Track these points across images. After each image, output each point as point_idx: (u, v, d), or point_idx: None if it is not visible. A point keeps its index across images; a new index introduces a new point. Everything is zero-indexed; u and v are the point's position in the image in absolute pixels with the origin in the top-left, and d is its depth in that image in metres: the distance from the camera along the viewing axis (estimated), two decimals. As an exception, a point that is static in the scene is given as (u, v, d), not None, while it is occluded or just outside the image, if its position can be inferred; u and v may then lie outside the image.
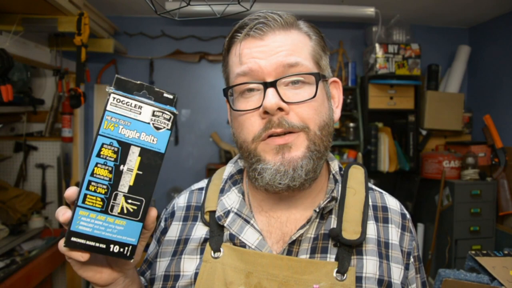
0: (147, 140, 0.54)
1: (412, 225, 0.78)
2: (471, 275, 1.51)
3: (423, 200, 3.32)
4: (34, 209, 2.67)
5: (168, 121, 0.55)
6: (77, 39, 2.23)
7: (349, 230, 0.67)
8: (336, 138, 3.37)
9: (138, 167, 0.53)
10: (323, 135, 0.67)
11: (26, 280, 2.14)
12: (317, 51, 0.70)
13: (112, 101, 0.52)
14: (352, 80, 3.33)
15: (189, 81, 3.42)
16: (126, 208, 0.53)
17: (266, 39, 0.65)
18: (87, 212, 0.52)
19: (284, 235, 0.70)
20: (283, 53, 0.65)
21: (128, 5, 3.06)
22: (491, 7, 3.04)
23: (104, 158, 0.52)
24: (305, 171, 0.65)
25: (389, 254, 0.70)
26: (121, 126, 0.53)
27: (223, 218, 0.70)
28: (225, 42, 0.71)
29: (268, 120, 0.64)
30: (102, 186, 0.52)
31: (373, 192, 0.78)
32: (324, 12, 3.03)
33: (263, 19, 0.66)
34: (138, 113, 0.53)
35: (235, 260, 0.67)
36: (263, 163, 0.66)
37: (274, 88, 0.63)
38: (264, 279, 0.65)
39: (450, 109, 3.31)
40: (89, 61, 2.63)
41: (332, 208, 0.71)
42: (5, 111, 2.62)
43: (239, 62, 0.66)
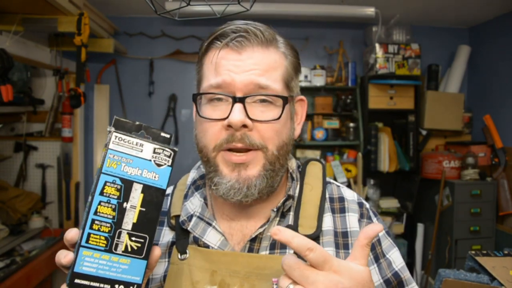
0: (149, 177, 0.54)
1: (373, 214, 0.79)
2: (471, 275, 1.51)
3: (423, 200, 3.32)
4: (34, 209, 2.67)
5: (169, 158, 0.56)
6: (77, 39, 2.23)
7: (305, 226, 0.71)
8: (336, 138, 3.37)
9: (141, 204, 0.54)
10: (280, 154, 0.69)
11: (26, 280, 2.14)
12: (289, 73, 0.72)
13: (114, 140, 0.53)
14: (352, 80, 3.33)
15: (189, 81, 3.42)
16: (130, 246, 0.53)
17: (244, 54, 0.67)
18: (90, 252, 0.51)
19: (245, 236, 0.73)
20: (256, 71, 0.67)
21: (128, 5, 3.06)
22: (491, 7, 3.04)
23: (107, 196, 0.52)
24: (258, 189, 0.68)
25: (347, 242, 0.73)
26: (123, 163, 0.53)
27: (186, 222, 0.73)
28: (203, 45, 0.73)
29: (231, 134, 0.66)
30: (106, 225, 0.52)
31: (331, 185, 0.81)
32: (324, 12, 3.03)
33: (244, 33, 0.67)
34: (139, 150, 0.54)
35: (200, 260, 0.69)
36: (219, 176, 0.68)
37: (242, 104, 0.65)
38: (227, 276, 0.68)
39: (450, 109, 3.31)
40: (89, 61, 2.64)
41: (290, 205, 0.74)
42: (5, 111, 2.62)
43: (214, 72, 0.68)
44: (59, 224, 2.92)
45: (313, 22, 3.40)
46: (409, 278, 0.75)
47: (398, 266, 0.74)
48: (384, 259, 0.74)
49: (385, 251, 0.75)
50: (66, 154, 2.90)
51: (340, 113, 3.34)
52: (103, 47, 2.88)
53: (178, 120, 3.43)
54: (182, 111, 3.45)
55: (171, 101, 3.40)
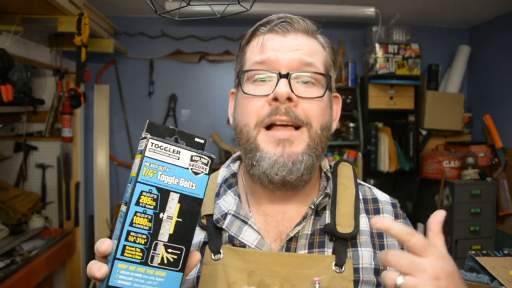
0: (186, 186, 0.53)
1: (404, 214, 0.80)
2: (471, 275, 1.51)
3: (423, 200, 3.32)
4: (34, 209, 2.67)
5: (206, 166, 0.54)
6: (77, 39, 2.23)
7: (343, 224, 0.70)
8: (336, 138, 3.37)
9: (178, 214, 0.52)
10: (323, 135, 0.69)
11: (26, 280, 2.14)
12: (328, 62, 0.74)
13: (151, 147, 0.51)
14: (352, 80, 3.33)
15: (189, 81, 3.42)
16: (166, 258, 0.51)
17: (288, 37, 0.69)
18: (126, 265, 0.49)
19: (281, 233, 0.71)
20: (301, 51, 0.68)
21: (128, 5, 3.06)
22: (491, 7, 3.04)
23: (143, 206, 0.50)
24: (304, 165, 0.66)
25: (383, 243, 0.72)
26: (160, 172, 0.51)
27: (221, 221, 0.71)
28: (247, 34, 0.74)
29: (275, 107, 0.66)
30: (142, 236, 0.50)
31: (363, 186, 0.80)
32: (324, 12, 3.03)
33: (289, 19, 0.70)
34: (176, 158, 0.52)
35: (236, 261, 0.68)
36: (261, 152, 0.67)
37: (286, 80, 0.66)
38: (266, 276, 0.66)
39: (450, 109, 3.31)
40: (89, 61, 2.63)
41: (325, 204, 0.73)
42: (5, 111, 2.62)
43: (259, 52, 0.69)
44: (59, 224, 2.92)
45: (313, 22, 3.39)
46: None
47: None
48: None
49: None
50: (66, 154, 2.90)
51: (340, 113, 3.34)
52: (103, 47, 2.88)
53: (178, 120, 3.43)
54: (182, 111, 3.45)
55: (171, 101, 3.40)
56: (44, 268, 2.37)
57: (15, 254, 2.31)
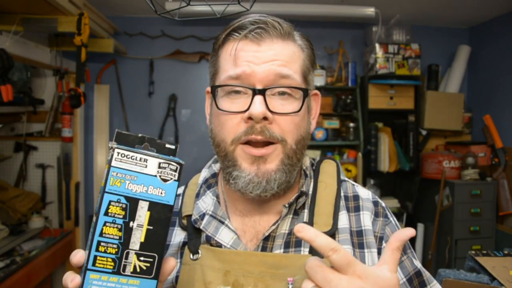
0: (155, 193, 0.52)
1: (389, 213, 0.77)
2: (471, 275, 1.51)
3: (423, 200, 3.32)
4: (34, 209, 2.67)
5: (175, 172, 0.54)
6: (77, 39, 2.23)
7: (320, 223, 0.69)
8: (336, 138, 3.37)
9: (148, 222, 0.52)
10: (298, 148, 0.69)
11: (26, 280, 2.14)
12: (306, 65, 0.71)
13: (117, 156, 0.51)
14: (352, 80, 3.33)
15: (189, 81, 3.42)
16: (139, 266, 0.51)
17: (263, 45, 0.66)
18: (98, 275, 0.49)
19: (258, 233, 0.71)
20: (277, 62, 0.66)
21: (128, 5, 3.06)
22: (491, 7, 3.04)
23: (112, 216, 0.50)
24: (277, 183, 0.67)
25: (362, 241, 0.72)
26: (127, 181, 0.51)
27: (198, 221, 0.72)
28: (219, 37, 0.71)
29: (250, 126, 0.65)
30: (113, 246, 0.50)
31: (346, 183, 0.79)
32: (324, 12, 3.03)
33: (263, 25, 0.66)
34: (144, 166, 0.52)
35: (213, 260, 0.68)
36: (238, 170, 0.67)
37: (262, 96, 0.64)
38: (240, 276, 0.66)
39: (450, 109, 3.31)
40: (89, 61, 2.63)
41: (304, 202, 0.73)
42: (5, 111, 2.62)
43: (233, 64, 0.67)
44: (59, 224, 2.92)
45: (313, 22, 3.40)
46: (429, 276, 0.74)
47: (418, 265, 0.74)
48: (405, 257, 0.73)
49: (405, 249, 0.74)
50: (66, 154, 2.90)
51: (340, 113, 3.34)
52: (103, 47, 2.88)
53: (178, 120, 3.43)
54: (182, 111, 3.45)
55: (171, 101, 3.40)
56: (44, 268, 2.37)
57: (15, 254, 2.31)
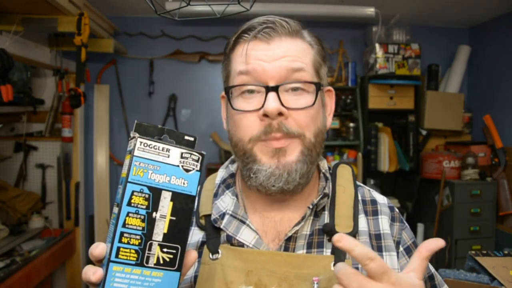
0: (178, 184, 0.52)
1: (402, 218, 0.80)
2: (471, 275, 1.52)
3: (423, 200, 3.32)
4: (34, 209, 2.67)
5: (197, 162, 0.53)
6: (77, 39, 2.23)
7: (342, 225, 0.70)
8: (336, 138, 3.37)
9: (171, 213, 0.51)
10: (317, 141, 0.69)
11: (26, 280, 2.14)
12: (318, 60, 0.72)
13: (140, 146, 0.50)
14: (352, 80, 3.33)
15: (189, 81, 3.42)
16: (162, 258, 0.50)
17: (272, 44, 0.67)
18: (121, 267, 0.48)
19: (279, 234, 0.71)
20: (288, 58, 0.66)
21: (128, 5, 3.06)
22: (491, 7, 3.04)
23: (135, 206, 0.49)
24: (299, 174, 0.67)
25: (381, 245, 0.73)
26: (150, 171, 0.50)
27: (219, 221, 0.71)
28: (230, 41, 0.72)
29: (268, 124, 0.65)
30: (136, 237, 0.49)
31: (362, 188, 0.80)
32: (324, 12, 3.03)
33: (271, 24, 0.67)
34: (166, 156, 0.52)
35: (234, 260, 0.68)
36: (258, 164, 0.67)
37: (275, 93, 0.65)
38: (264, 276, 0.66)
39: (450, 109, 3.31)
40: (89, 61, 2.63)
41: (324, 205, 0.73)
42: (5, 111, 2.62)
43: (244, 62, 0.68)
44: (59, 224, 2.92)
45: (313, 22, 3.40)
46: (441, 281, 0.75)
47: (432, 269, 0.75)
48: None
49: None
50: (66, 154, 2.90)
51: (340, 113, 3.34)
52: (103, 47, 2.88)
53: (178, 120, 3.43)
54: (182, 111, 3.45)
55: (171, 101, 3.40)
56: (44, 268, 2.37)
57: (15, 254, 2.31)
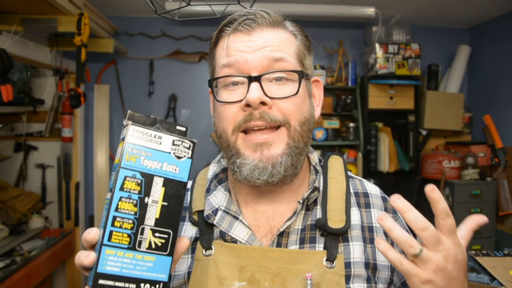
0: (170, 170, 0.53)
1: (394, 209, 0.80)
2: (471, 275, 1.51)
3: (423, 200, 3.31)
4: (34, 209, 2.67)
5: (189, 150, 0.55)
6: (77, 39, 2.23)
7: (334, 219, 0.70)
8: (336, 138, 3.37)
9: (163, 198, 0.52)
10: (303, 131, 0.68)
11: (26, 280, 2.14)
12: (301, 50, 0.71)
13: (132, 133, 0.51)
14: (352, 80, 3.33)
15: (189, 81, 3.42)
16: (154, 243, 0.51)
17: (254, 35, 0.67)
18: (114, 251, 0.49)
19: (271, 228, 0.71)
20: (269, 48, 0.66)
21: (128, 5, 3.06)
22: (491, 7, 3.04)
23: (128, 191, 0.50)
24: (284, 167, 0.66)
25: (373, 237, 0.73)
26: (142, 157, 0.51)
27: (212, 217, 0.71)
28: (213, 36, 0.72)
29: (249, 113, 0.66)
30: (128, 221, 0.50)
31: (353, 180, 0.80)
32: (324, 12, 3.03)
33: (252, 16, 0.67)
34: (158, 143, 0.53)
35: (227, 256, 0.68)
36: (242, 158, 0.67)
37: (258, 83, 0.65)
38: (257, 272, 0.66)
39: (450, 109, 3.31)
40: (89, 61, 2.63)
41: (316, 198, 0.73)
42: (5, 111, 2.62)
43: (226, 55, 0.68)
44: (59, 224, 2.92)
45: (313, 22, 3.40)
46: None
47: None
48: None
49: None
50: (66, 154, 2.90)
51: (340, 113, 3.34)
52: (103, 47, 2.88)
53: (178, 120, 3.43)
54: (182, 111, 3.45)
55: (171, 101, 3.40)
56: (44, 268, 2.37)
57: (15, 254, 2.31)
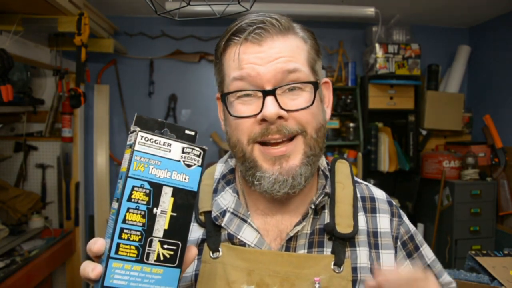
0: (179, 179, 0.51)
1: (400, 211, 0.80)
2: (471, 275, 1.51)
3: (423, 200, 3.32)
4: (34, 209, 2.67)
5: (199, 157, 0.52)
6: (77, 39, 2.23)
7: (343, 224, 0.70)
8: (336, 138, 3.37)
9: (172, 209, 0.50)
10: (319, 137, 0.68)
11: (26, 280, 2.14)
12: (312, 56, 0.70)
13: (141, 140, 0.49)
14: (352, 80, 3.33)
15: (189, 81, 3.42)
16: (162, 255, 0.49)
17: (264, 45, 0.65)
18: (121, 264, 0.47)
19: (281, 232, 0.71)
20: (282, 59, 0.65)
21: (128, 5, 3.06)
22: (491, 7, 3.04)
23: (135, 202, 0.48)
24: (304, 178, 0.66)
25: (378, 242, 0.73)
26: (151, 166, 0.49)
27: (219, 218, 0.70)
28: (220, 44, 0.70)
29: (265, 127, 0.64)
30: (136, 233, 0.48)
31: (360, 185, 0.81)
32: (324, 12, 3.02)
33: (262, 24, 0.65)
34: (167, 151, 0.50)
35: (235, 259, 0.67)
36: (260, 171, 0.66)
37: (273, 96, 0.63)
38: (266, 276, 0.66)
39: (450, 109, 3.31)
40: (89, 61, 2.63)
41: (324, 203, 0.73)
42: (5, 111, 2.62)
43: (237, 67, 0.66)
44: (59, 224, 2.92)
45: (313, 22, 3.40)
46: (440, 270, 0.77)
47: (430, 259, 0.77)
48: (416, 253, 0.76)
49: (417, 246, 0.77)
50: (66, 154, 2.90)
51: (340, 113, 3.34)
52: (103, 47, 2.88)
53: (178, 120, 3.43)
54: (182, 111, 3.45)
55: (171, 101, 3.40)
56: (44, 268, 2.37)
57: (15, 254, 2.31)
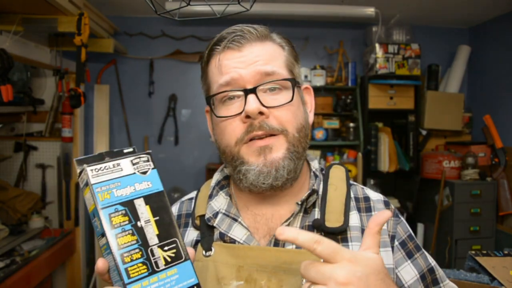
0: (144, 188, 0.54)
1: (397, 212, 0.80)
2: (471, 275, 1.51)
3: (423, 200, 3.32)
4: (34, 209, 2.67)
5: (149, 162, 0.56)
6: (77, 39, 2.23)
7: (332, 220, 0.71)
8: (336, 138, 3.37)
9: (153, 214, 0.54)
10: (300, 136, 0.71)
11: (26, 280, 2.14)
12: (290, 60, 0.75)
13: (92, 174, 0.52)
14: (352, 80, 3.33)
15: (189, 81, 3.42)
16: (168, 257, 0.53)
17: (244, 50, 0.70)
18: (138, 284, 0.50)
19: (270, 230, 0.73)
20: (260, 62, 0.70)
21: (128, 5, 3.06)
22: (491, 7, 3.04)
23: (118, 226, 0.51)
24: (287, 171, 0.69)
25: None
26: (114, 189, 0.52)
27: (212, 219, 0.74)
28: (204, 55, 0.75)
29: (249, 124, 0.69)
30: (135, 251, 0.51)
31: (355, 186, 0.82)
32: (324, 12, 3.02)
33: (240, 32, 0.70)
34: (120, 170, 0.54)
35: (226, 256, 0.70)
36: (246, 165, 0.70)
37: (254, 94, 0.68)
38: (254, 271, 0.68)
39: (450, 109, 3.31)
40: (89, 61, 2.63)
41: (314, 201, 0.74)
42: (5, 111, 2.62)
43: (220, 73, 0.71)
44: (59, 224, 2.92)
45: (313, 22, 3.40)
46: (442, 275, 0.76)
47: (432, 262, 0.76)
48: (419, 254, 0.75)
49: (418, 246, 0.76)
50: (66, 154, 2.90)
51: (340, 113, 3.34)
52: (103, 47, 2.88)
53: (178, 120, 3.43)
54: (182, 111, 3.45)
55: (171, 101, 3.40)
56: (44, 268, 2.37)
57: (15, 254, 2.31)
